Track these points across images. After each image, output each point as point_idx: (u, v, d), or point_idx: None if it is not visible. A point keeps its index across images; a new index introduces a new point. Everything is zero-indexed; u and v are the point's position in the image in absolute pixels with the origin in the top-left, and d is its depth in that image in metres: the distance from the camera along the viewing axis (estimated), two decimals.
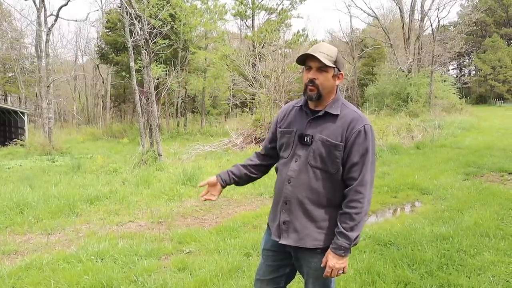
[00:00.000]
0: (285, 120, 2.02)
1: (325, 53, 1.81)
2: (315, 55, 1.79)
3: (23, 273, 3.54)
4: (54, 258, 3.85)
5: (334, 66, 1.83)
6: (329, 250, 1.84)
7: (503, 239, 4.06)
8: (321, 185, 1.85)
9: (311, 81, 1.84)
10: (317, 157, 1.84)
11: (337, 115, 1.85)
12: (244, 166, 2.17)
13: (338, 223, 1.82)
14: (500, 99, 52.51)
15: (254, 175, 2.18)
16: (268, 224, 2.12)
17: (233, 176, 2.14)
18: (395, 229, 4.45)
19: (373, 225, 4.73)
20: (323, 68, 1.82)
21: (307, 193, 1.86)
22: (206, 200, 2.12)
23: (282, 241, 1.92)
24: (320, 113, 1.88)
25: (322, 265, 1.87)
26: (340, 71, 1.88)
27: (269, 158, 2.18)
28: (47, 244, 4.41)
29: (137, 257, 3.84)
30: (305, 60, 1.86)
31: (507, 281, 3.20)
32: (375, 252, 3.83)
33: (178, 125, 29.10)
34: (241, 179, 2.17)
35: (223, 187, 2.14)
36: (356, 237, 1.81)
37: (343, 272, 1.86)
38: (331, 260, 1.81)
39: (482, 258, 3.58)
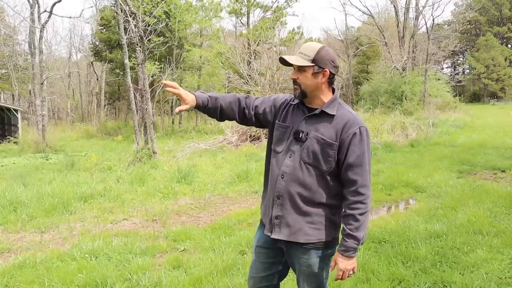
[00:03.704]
0: (285, 114, 1.99)
1: (302, 53, 1.85)
2: (286, 58, 1.84)
3: (17, 272, 3.52)
4: (47, 256, 3.83)
5: (312, 64, 1.83)
6: (337, 253, 1.88)
7: (496, 236, 4.09)
8: (314, 181, 1.86)
9: (294, 80, 1.90)
10: (310, 154, 1.85)
11: (333, 115, 1.86)
12: (224, 100, 1.99)
13: (343, 225, 1.85)
14: (494, 98, 52.95)
15: (222, 113, 1.99)
16: (261, 221, 2.11)
17: (210, 106, 1.98)
18: (390, 226, 4.47)
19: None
20: (301, 68, 1.85)
21: (300, 188, 1.86)
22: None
23: (274, 236, 1.92)
24: (317, 112, 1.88)
25: (331, 269, 1.91)
26: (322, 68, 1.84)
27: (248, 116, 2.02)
28: (40, 242, 4.38)
29: (132, 255, 3.83)
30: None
31: (499, 278, 3.22)
32: (369, 249, 3.85)
33: (173, 122, 29.03)
34: (212, 109, 2.00)
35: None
36: (363, 237, 1.85)
37: (353, 273, 1.89)
38: (341, 262, 1.85)
39: (475, 255, 3.60)
